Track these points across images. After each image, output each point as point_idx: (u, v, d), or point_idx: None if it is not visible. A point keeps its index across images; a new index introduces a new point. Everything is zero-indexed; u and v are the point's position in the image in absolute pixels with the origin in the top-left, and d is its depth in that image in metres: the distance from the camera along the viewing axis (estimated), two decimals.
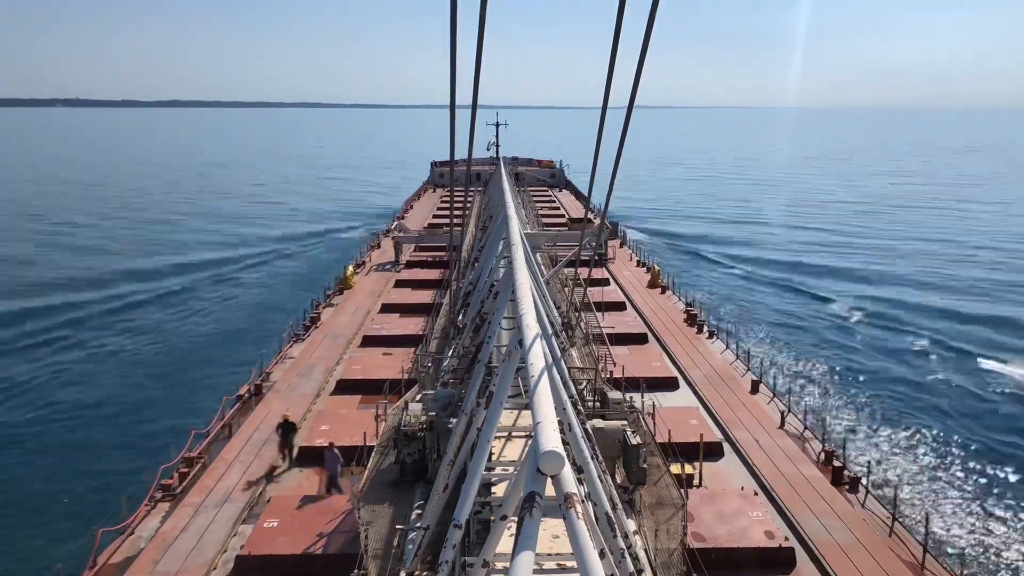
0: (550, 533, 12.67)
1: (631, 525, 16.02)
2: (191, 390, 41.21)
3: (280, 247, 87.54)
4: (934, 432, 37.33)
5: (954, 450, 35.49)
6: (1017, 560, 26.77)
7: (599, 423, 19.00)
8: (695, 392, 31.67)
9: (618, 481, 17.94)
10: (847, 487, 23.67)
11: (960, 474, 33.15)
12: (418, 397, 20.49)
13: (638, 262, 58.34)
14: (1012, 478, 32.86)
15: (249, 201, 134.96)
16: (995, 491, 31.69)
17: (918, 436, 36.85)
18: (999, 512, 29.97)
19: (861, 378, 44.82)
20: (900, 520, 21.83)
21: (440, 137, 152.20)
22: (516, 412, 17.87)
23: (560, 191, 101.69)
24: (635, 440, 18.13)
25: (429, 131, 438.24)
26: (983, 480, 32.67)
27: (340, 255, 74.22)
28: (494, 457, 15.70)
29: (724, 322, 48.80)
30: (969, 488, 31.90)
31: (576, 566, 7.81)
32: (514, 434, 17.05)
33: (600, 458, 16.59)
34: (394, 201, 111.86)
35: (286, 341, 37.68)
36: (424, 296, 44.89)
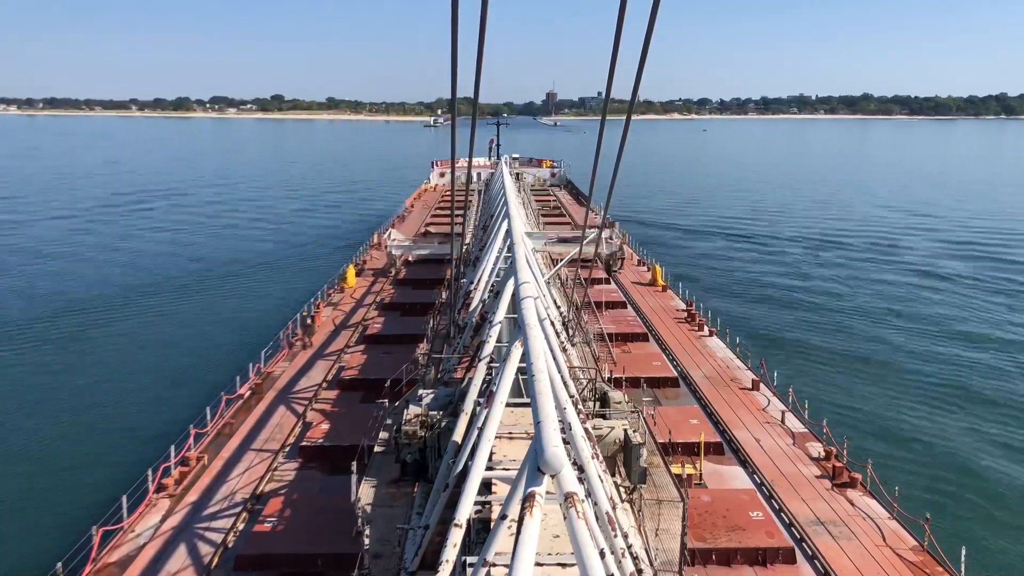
0: (550, 533, 12.66)
1: (631, 524, 16.02)
2: (191, 390, 41.18)
3: (280, 247, 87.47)
4: (935, 431, 37.31)
5: (955, 450, 35.46)
6: (1017, 559, 26.78)
7: (599, 422, 19.00)
8: (695, 391, 31.69)
9: (618, 481, 17.92)
10: (846, 486, 23.70)
11: (960, 473, 33.11)
12: (418, 396, 20.44)
13: (639, 261, 58.40)
14: (1013, 478, 32.85)
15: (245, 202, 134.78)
16: (995, 490, 31.67)
17: (918, 435, 36.83)
18: (999, 511, 29.97)
19: (860, 375, 44.80)
20: (899, 519, 21.86)
21: None
22: (516, 411, 17.86)
23: (561, 191, 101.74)
24: (635, 439, 18.13)
25: None
26: (983, 479, 32.65)
27: (340, 255, 74.23)
28: (494, 457, 15.67)
29: (723, 320, 48.74)
30: (969, 487, 31.87)
31: (576, 565, 7.81)
32: (514, 434, 17.02)
33: (600, 458, 16.57)
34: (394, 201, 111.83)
35: (286, 340, 37.70)
36: (424, 296, 44.92)
